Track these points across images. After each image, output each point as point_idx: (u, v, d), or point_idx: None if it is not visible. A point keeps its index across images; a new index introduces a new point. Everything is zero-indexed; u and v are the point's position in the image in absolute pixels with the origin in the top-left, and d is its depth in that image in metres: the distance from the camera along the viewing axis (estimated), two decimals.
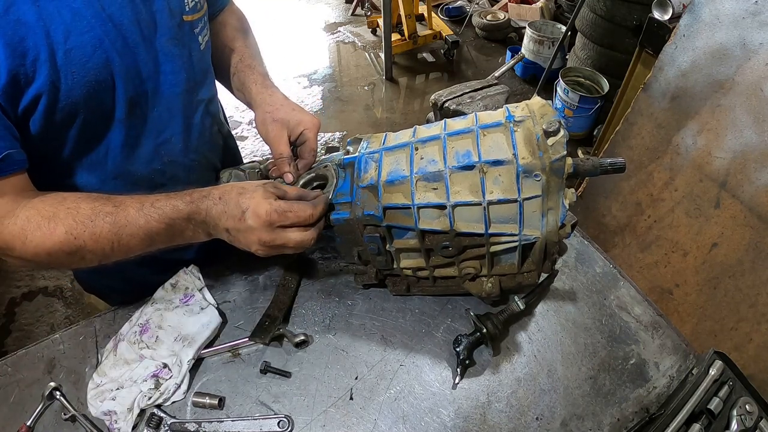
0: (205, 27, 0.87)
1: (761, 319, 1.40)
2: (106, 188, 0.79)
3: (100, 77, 0.68)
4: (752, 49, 1.40)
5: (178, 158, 0.87)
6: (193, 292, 0.88)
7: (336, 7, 5.02)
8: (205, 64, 0.89)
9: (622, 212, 1.85)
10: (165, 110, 0.81)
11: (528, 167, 0.65)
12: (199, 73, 0.86)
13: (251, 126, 3.44)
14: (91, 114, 0.71)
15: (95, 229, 0.65)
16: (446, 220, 0.70)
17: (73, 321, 2.30)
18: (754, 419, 0.73)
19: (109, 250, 0.67)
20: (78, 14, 0.64)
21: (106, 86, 0.70)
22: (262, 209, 0.67)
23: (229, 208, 0.68)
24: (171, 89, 0.80)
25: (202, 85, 0.89)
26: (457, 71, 4.02)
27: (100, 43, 0.66)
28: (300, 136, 0.87)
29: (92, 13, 0.65)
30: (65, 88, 0.65)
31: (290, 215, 0.68)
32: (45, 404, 0.77)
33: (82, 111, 0.69)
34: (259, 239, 0.69)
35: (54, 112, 0.67)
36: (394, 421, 0.77)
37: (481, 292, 0.79)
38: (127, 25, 0.69)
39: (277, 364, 0.82)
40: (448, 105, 1.21)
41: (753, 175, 1.42)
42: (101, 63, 0.67)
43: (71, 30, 0.63)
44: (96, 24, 0.65)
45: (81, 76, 0.66)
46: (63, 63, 0.64)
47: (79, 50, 0.64)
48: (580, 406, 0.79)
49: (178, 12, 0.78)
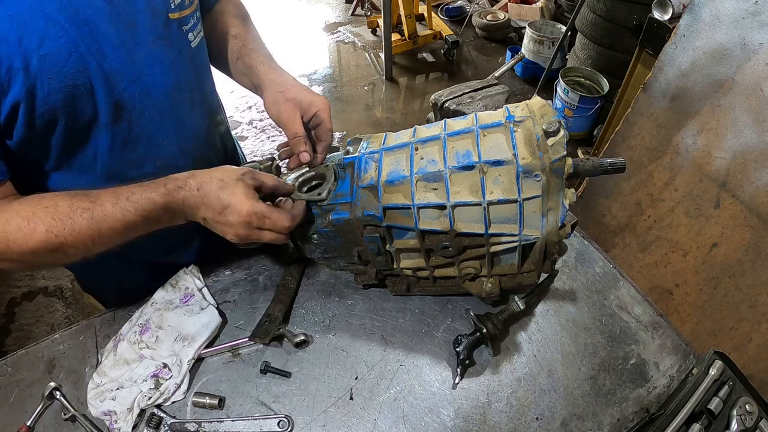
0: (197, 24, 0.84)
1: (761, 319, 1.40)
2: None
3: (77, 82, 0.67)
4: (752, 49, 1.40)
5: (172, 161, 0.85)
6: (193, 292, 0.88)
7: (336, 7, 5.01)
8: (198, 63, 0.87)
9: (622, 212, 1.85)
10: (155, 113, 0.79)
11: (528, 167, 0.65)
12: (190, 72, 0.84)
13: (251, 126, 3.44)
14: (72, 119, 0.70)
15: (74, 225, 0.66)
16: (446, 220, 0.70)
17: (73, 321, 2.30)
18: (754, 419, 0.73)
19: (91, 244, 0.68)
20: (51, 20, 0.62)
21: (84, 91, 0.68)
22: (244, 209, 0.68)
23: (208, 201, 0.69)
24: (160, 91, 0.78)
25: (196, 85, 0.87)
26: (457, 71, 4.02)
27: (75, 47, 0.65)
28: (314, 118, 0.86)
29: (66, 17, 0.63)
30: (42, 94, 0.65)
31: (267, 222, 0.70)
32: (45, 404, 0.77)
33: (62, 117, 0.68)
34: (235, 233, 0.71)
35: (33, 119, 0.66)
36: (394, 421, 0.77)
37: (481, 292, 0.79)
38: (105, 27, 0.68)
39: (277, 364, 0.82)
40: (448, 105, 1.21)
41: (753, 175, 1.42)
42: (77, 68, 0.66)
43: (45, 36, 0.62)
44: (70, 28, 0.64)
45: (58, 82, 0.65)
46: (38, 70, 0.63)
47: (54, 56, 0.63)
48: (580, 406, 0.79)
49: (162, 11, 0.76)
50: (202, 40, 0.87)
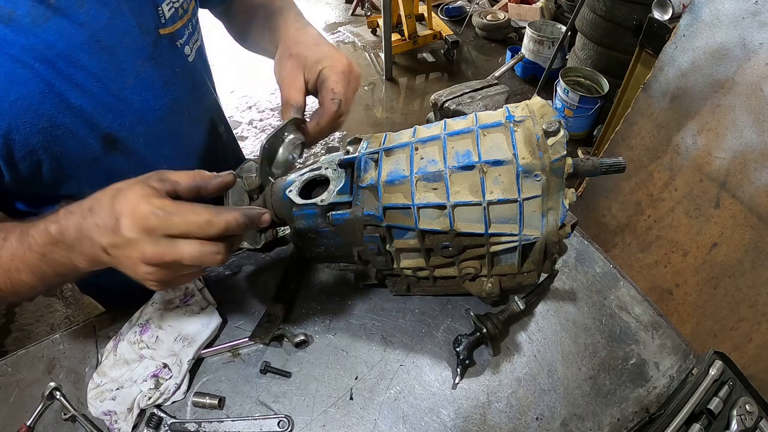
0: (193, 34, 0.77)
1: (761, 319, 1.40)
2: None
3: (57, 122, 0.61)
4: (752, 49, 1.40)
5: None
6: (193, 292, 0.88)
7: (336, 7, 5.02)
8: (195, 78, 0.80)
9: (622, 212, 1.85)
10: (152, 139, 0.73)
11: (528, 167, 0.65)
12: (187, 90, 0.77)
13: (251, 126, 3.44)
14: (56, 160, 0.65)
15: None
16: (446, 220, 0.70)
17: (73, 321, 2.31)
18: (754, 419, 0.73)
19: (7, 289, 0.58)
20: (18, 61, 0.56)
21: (66, 131, 0.63)
22: (139, 211, 0.50)
23: (100, 219, 0.51)
24: (154, 115, 0.72)
25: (194, 102, 0.80)
26: (457, 71, 4.02)
27: (49, 87, 0.59)
28: (318, 77, 0.70)
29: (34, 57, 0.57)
30: (20, 138, 0.60)
31: (177, 219, 0.50)
32: (45, 404, 0.77)
33: (45, 158, 0.63)
34: (142, 256, 0.51)
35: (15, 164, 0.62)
36: (394, 421, 0.77)
37: (481, 292, 0.79)
38: (83, 59, 0.61)
39: (277, 364, 0.82)
40: (448, 105, 1.21)
41: (753, 175, 1.42)
42: (56, 108, 0.61)
43: (12, 80, 0.56)
44: (41, 67, 0.58)
45: (34, 125, 0.60)
46: (11, 114, 0.58)
47: (26, 99, 0.58)
48: (580, 406, 0.79)
49: (151, 28, 0.68)
50: (198, 51, 0.80)
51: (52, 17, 0.57)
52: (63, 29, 0.59)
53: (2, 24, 0.55)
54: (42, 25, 0.57)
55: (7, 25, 0.55)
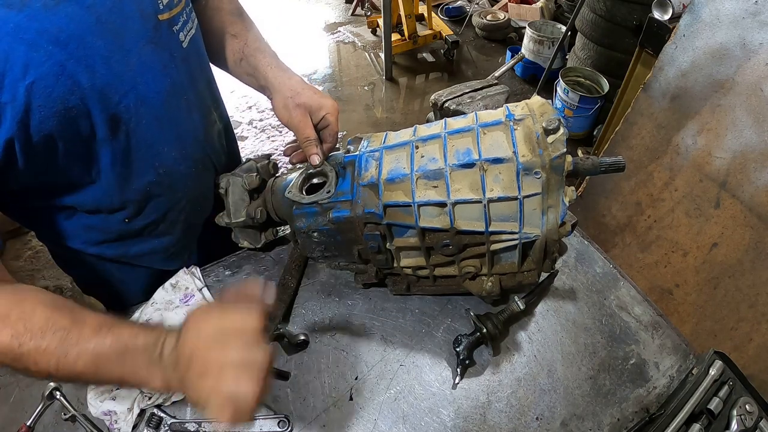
0: (187, 21, 0.81)
1: (761, 319, 1.40)
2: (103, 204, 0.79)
3: (69, 104, 0.64)
4: (752, 49, 1.40)
5: (173, 167, 0.84)
6: (193, 292, 0.88)
7: (336, 7, 5.02)
8: (191, 64, 0.84)
9: (622, 212, 1.85)
10: (153, 121, 0.76)
11: (528, 165, 0.65)
12: (184, 74, 0.81)
13: (251, 126, 3.44)
14: (70, 142, 0.68)
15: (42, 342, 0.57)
16: (446, 217, 0.70)
17: None
18: (754, 419, 0.73)
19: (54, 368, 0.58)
20: (33, 45, 0.59)
21: (78, 111, 0.66)
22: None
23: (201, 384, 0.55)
24: (155, 98, 0.75)
25: (190, 86, 0.84)
26: (457, 71, 4.02)
27: (63, 68, 0.62)
28: (322, 121, 0.86)
29: (48, 40, 0.60)
30: (36, 122, 0.62)
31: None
32: (45, 404, 0.77)
33: (59, 141, 0.66)
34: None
35: (31, 149, 0.64)
36: (394, 421, 0.76)
37: (482, 291, 0.79)
38: (92, 41, 0.64)
39: (277, 364, 0.82)
40: (448, 105, 1.21)
41: (753, 175, 1.42)
42: (68, 89, 0.63)
43: (28, 64, 0.59)
44: (54, 50, 0.60)
45: (49, 108, 0.62)
46: (27, 99, 0.60)
47: (41, 82, 0.60)
48: (580, 406, 0.78)
49: (151, 13, 0.72)
50: (193, 39, 0.84)
51: (62, 2, 0.61)
52: (72, 12, 0.62)
53: (16, 11, 0.58)
54: (53, 8, 0.60)
55: (20, 11, 0.58)
